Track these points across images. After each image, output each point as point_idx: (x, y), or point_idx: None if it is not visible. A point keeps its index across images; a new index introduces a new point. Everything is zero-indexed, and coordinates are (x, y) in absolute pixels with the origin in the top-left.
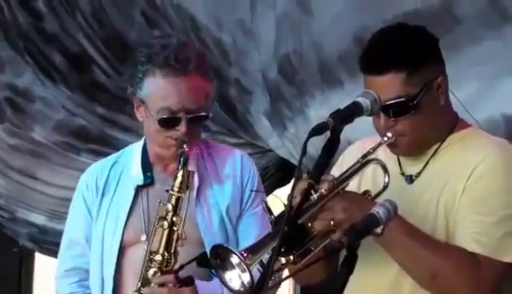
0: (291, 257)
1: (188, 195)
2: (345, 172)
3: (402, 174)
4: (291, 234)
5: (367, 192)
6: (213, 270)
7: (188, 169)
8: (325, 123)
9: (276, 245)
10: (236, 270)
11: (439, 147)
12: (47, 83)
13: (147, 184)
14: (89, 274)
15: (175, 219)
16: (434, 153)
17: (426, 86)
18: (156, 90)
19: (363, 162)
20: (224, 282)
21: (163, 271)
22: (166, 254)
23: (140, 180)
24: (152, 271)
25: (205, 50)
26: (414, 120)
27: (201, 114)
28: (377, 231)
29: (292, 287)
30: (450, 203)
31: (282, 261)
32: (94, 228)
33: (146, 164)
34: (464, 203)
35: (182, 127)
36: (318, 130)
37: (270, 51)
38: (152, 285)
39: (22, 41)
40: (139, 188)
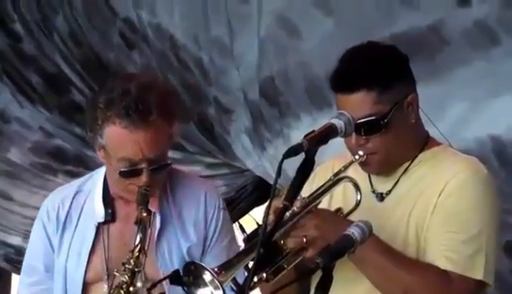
0: (264, 275)
1: (149, 234)
2: (317, 190)
3: (373, 192)
4: (264, 252)
5: (339, 210)
6: (186, 288)
7: (146, 232)
8: (300, 145)
9: (252, 267)
10: (209, 288)
11: (410, 164)
12: (25, 104)
13: (108, 220)
14: None
15: (131, 289)
16: (405, 170)
17: (397, 104)
18: (116, 139)
19: (335, 179)
20: None
21: None
22: None
23: (100, 217)
24: None
25: (184, 70)
26: (385, 138)
27: (163, 164)
28: None
29: None
30: (421, 220)
31: (254, 280)
32: (56, 261)
33: (107, 199)
34: (435, 220)
35: (143, 178)
36: (293, 151)
37: (251, 72)
38: None
39: (0, 62)
40: (100, 224)
